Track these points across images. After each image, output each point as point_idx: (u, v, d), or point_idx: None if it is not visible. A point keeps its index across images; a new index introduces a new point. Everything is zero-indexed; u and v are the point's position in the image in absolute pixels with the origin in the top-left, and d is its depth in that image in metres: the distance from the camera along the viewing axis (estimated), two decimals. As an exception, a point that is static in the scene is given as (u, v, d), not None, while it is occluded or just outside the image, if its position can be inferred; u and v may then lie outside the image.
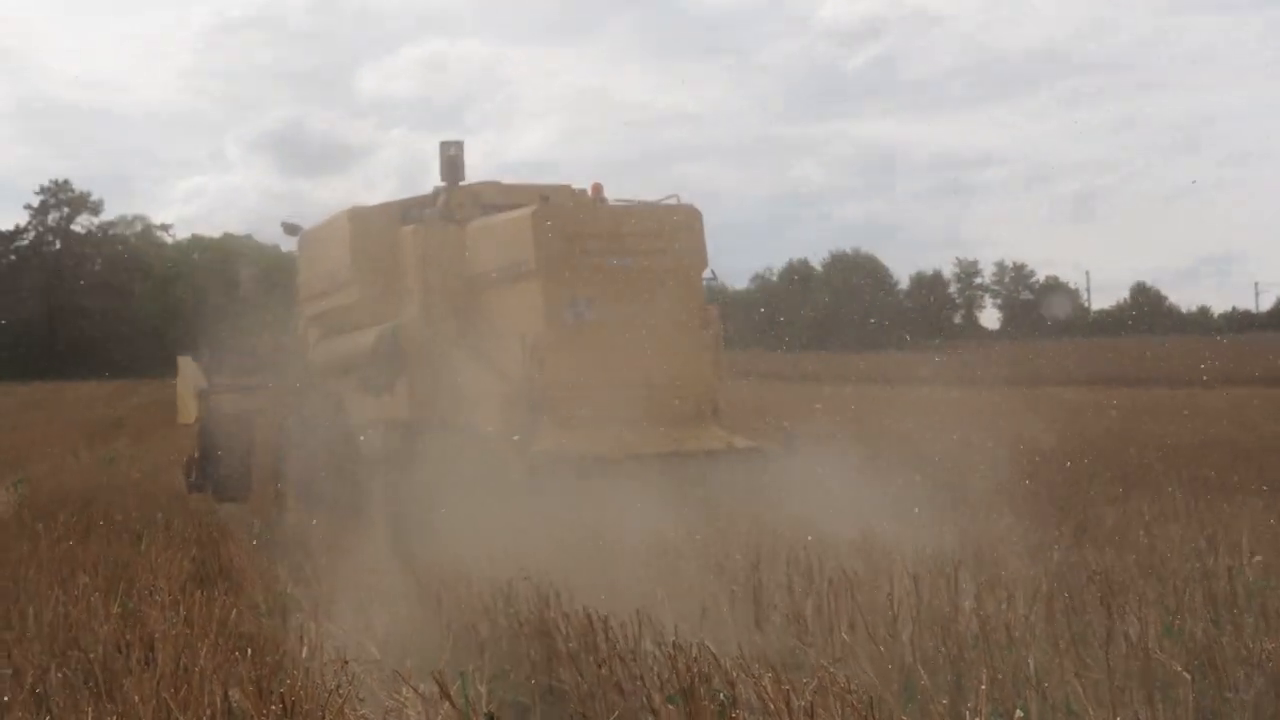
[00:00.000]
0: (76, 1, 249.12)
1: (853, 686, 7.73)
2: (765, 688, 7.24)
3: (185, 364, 24.53)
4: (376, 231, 19.27)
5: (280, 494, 20.71)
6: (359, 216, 19.61)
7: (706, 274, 18.41)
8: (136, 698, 7.89)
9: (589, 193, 18.81)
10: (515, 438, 16.79)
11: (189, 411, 23.87)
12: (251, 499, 21.81)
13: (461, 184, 19.12)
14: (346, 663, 8.50)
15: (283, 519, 19.99)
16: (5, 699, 8.33)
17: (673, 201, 18.44)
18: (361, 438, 18.69)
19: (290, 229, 22.85)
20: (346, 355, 19.79)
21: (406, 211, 19.42)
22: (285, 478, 20.38)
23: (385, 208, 19.80)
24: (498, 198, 18.92)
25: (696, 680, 7.42)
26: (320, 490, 18.50)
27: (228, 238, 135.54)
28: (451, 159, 19.16)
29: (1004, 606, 9.49)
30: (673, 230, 17.87)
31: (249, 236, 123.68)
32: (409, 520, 15.84)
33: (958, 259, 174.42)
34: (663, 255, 17.64)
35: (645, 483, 15.48)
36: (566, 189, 19.14)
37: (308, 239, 22.21)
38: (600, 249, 17.30)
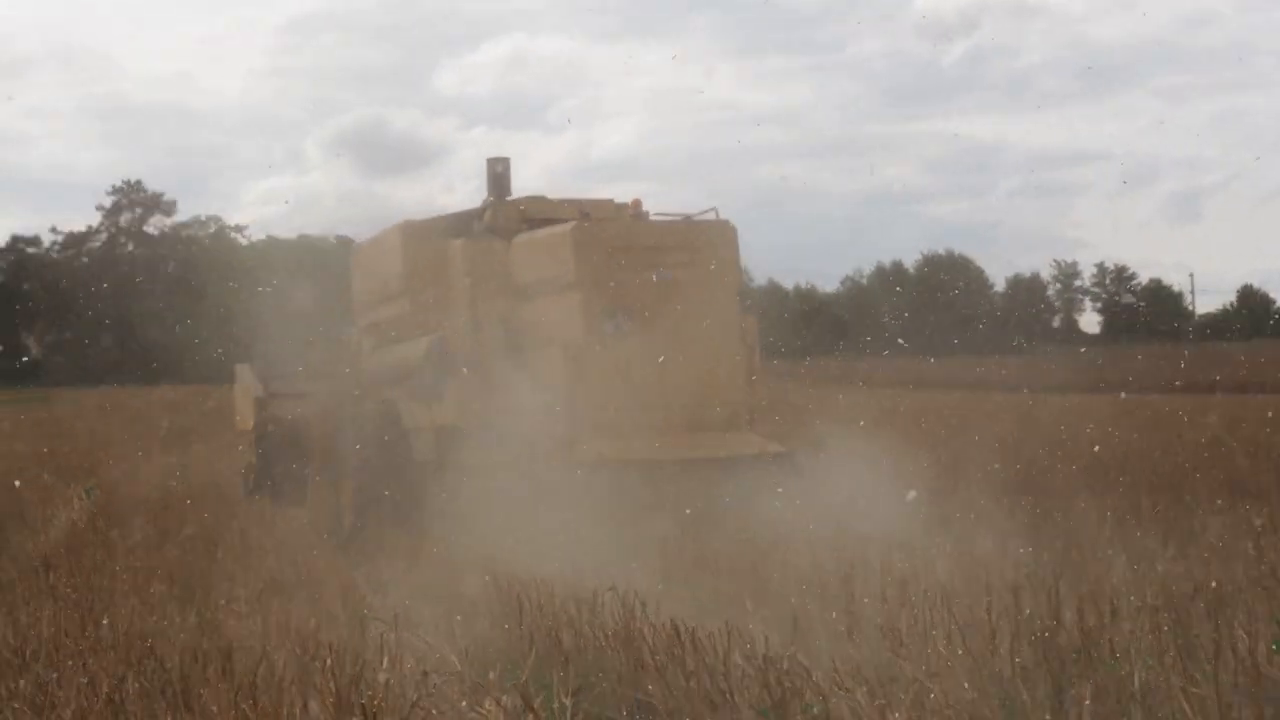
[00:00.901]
0: (151, 1, 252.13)
1: (950, 701, 7.48)
2: (860, 702, 6.99)
3: (242, 371, 25.22)
4: (427, 245, 20.05)
5: (336, 498, 21.17)
6: (410, 231, 20.39)
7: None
8: (214, 708, 7.74)
9: (630, 207, 19.42)
10: (557, 444, 17.51)
11: (246, 418, 24.47)
12: (313, 505, 21.82)
13: (508, 199, 19.98)
14: (427, 674, 8.33)
15: (343, 524, 20.41)
16: (81, 708, 8.21)
17: (710, 216, 19.02)
18: (414, 442, 19.34)
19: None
20: (399, 363, 20.42)
21: (455, 225, 20.22)
22: (341, 482, 20.89)
23: (434, 222, 20.55)
24: (542, 212, 19.75)
25: (789, 694, 7.19)
26: (375, 494, 18.99)
27: (303, 239, 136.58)
28: (498, 175, 20.10)
29: (1107, 619, 9.16)
30: (708, 244, 18.50)
31: (326, 238, 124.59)
32: (459, 521, 16.36)
33: (1056, 260, 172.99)
34: (699, 268, 18.22)
35: (680, 487, 16.45)
36: (609, 204, 19.92)
37: (361, 252, 23.27)
38: (638, 262, 18.02)
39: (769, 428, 18.99)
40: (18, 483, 25.76)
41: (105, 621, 10.67)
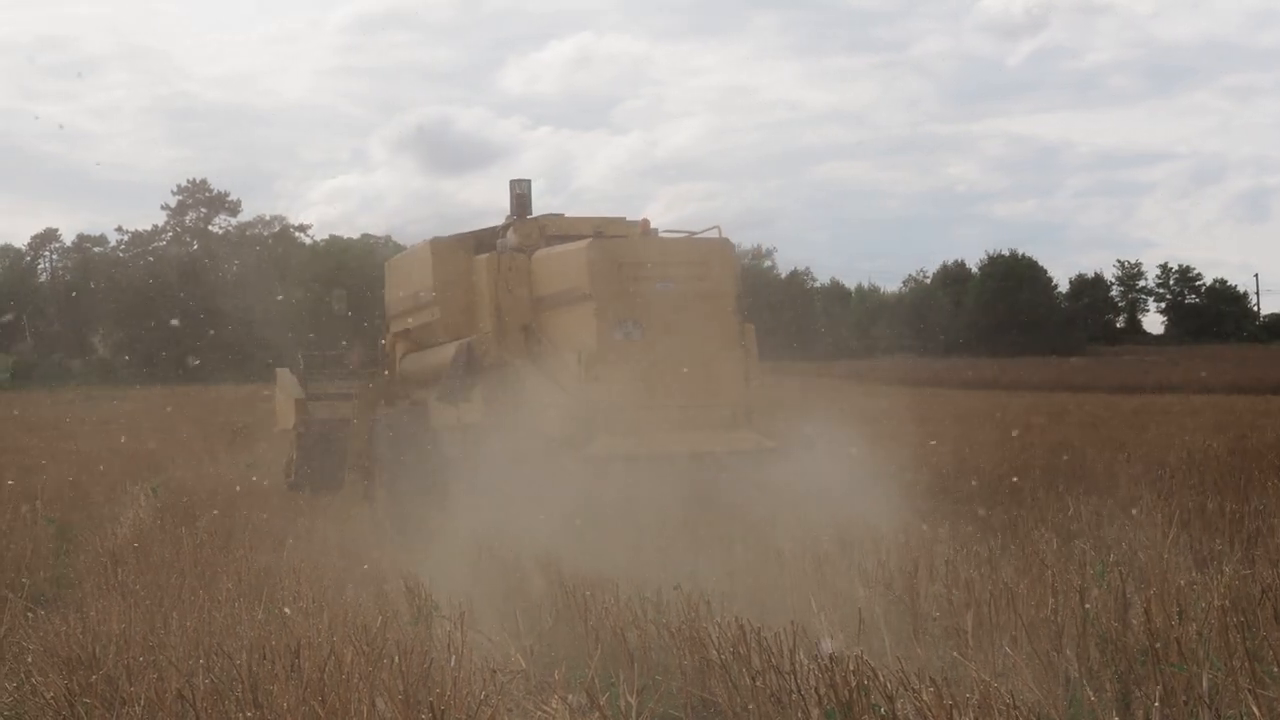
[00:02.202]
0: (217, 2, 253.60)
1: (1016, 702, 7.46)
2: (926, 702, 6.98)
3: (283, 374, 27.23)
4: (454, 259, 21.77)
5: (370, 492, 22.52)
6: (439, 246, 22.04)
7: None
8: (284, 705, 7.79)
9: (639, 226, 21.15)
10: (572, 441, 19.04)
11: (287, 418, 26.31)
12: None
13: (529, 217, 21.63)
14: (495, 672, 8.35)
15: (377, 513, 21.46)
16: (151, 704, 8.27)
17: (713, 234, 20.62)
18: (443, 439, 21.04)
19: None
20: (429, 367, 22.19)
21: (480, 241, 21.77)
22: (376, 477, 22.28)
23: (462, 238, 22.17)
24: (560, 229, 21.34)
25: (855, 694, 7.18)
26: (408, 488, 20.44)
27: (366, 239, 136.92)
28: (520, 196, 21.88)
29: (1174, 621, 9.10)
30: (710, 259, 20.04)
31: (388, 238, 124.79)
32: (486, 511, 17.44)
33: (1119, 261, 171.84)
34: (701, 281, 19.73)
35: (682, 479, 17.91)
36: (621, 221, 21.61)
37: (394, 265, 25.18)
38: (646, 276, 19.45)
39: (764, 425, 20.14)
40: (84, 480, 26.01)
41: (174, 617, 10.75)
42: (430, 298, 22.12)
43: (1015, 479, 20.33)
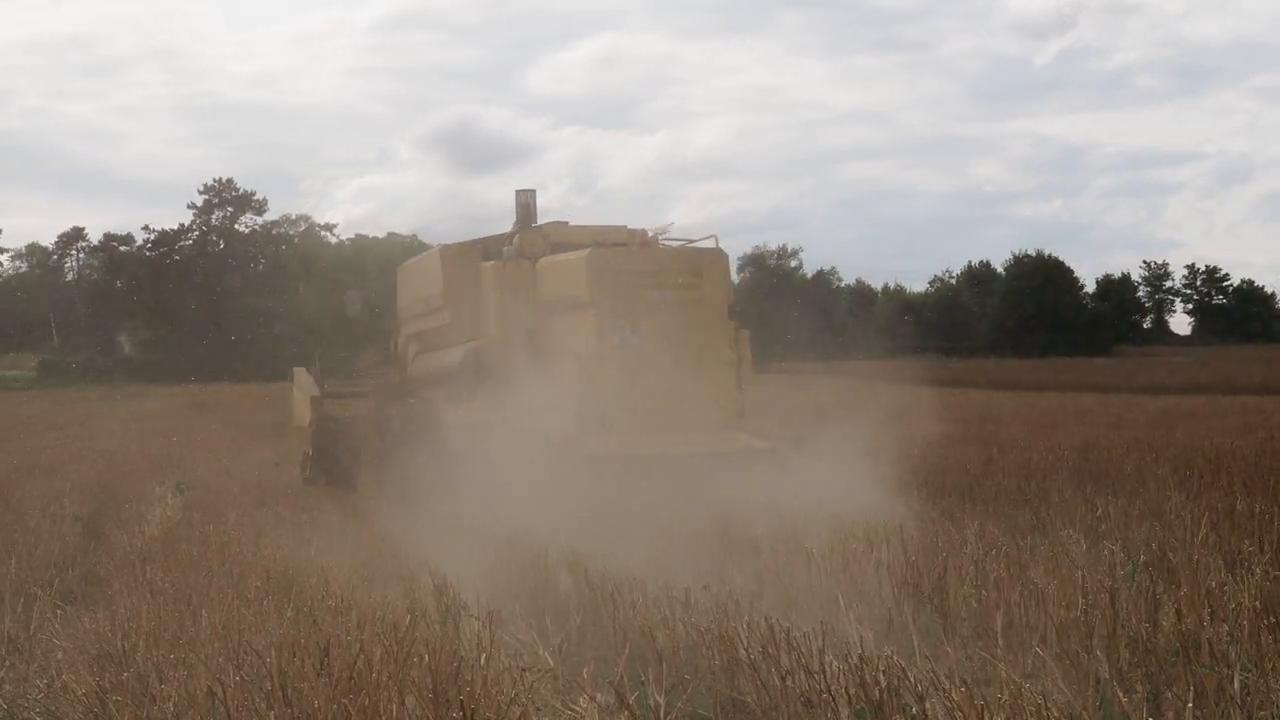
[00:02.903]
0: (243, 2, 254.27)
1: (1047, 703, 7.43)
2: (957, 702, 6.96)
3: (300, 374, 28.29)
4: (463, 266, 23.08)
5: (381, 485, 23.14)
6: (449, 254, 23.49)
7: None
8: (315, 703, 7.80)
9: (640, 236, 22.27)
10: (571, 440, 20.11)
11: (303, 415, 27.25)
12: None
13: (533, 226, 22.81)
14: (524, 671, 8.35)
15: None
16: (181, 701, 8.29)
17: (709, 244, 21.93)
18: (450, 436, 21.79)
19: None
20: (439, 368, 23.54)
21: (488, 249, 23.10)
22: (387, 471, 22.95)
23: (470, 246, 23.48)
24: (563, 238, 22.51)
25: (886, 694, 7.16)
26: (417, 481, 20.93)
27: (392, 238, 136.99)
28: (525, 205, 23.07)
29: (1205, 622, 9.07)
30: (705, 268, 21.19)
31: (414, 237, 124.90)
32: (494, 505, 18.10)
33: (1145, 261, 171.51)
34: (696, 289, 20.89)
35: (675, 478, 18.79)
36: (622, 230, 22.67)
37: (406, 270, 26.47)
38: (644, 284, 20.60)
39: (756, 426, 21.33)
40: (110, 478, 26.10)
41: (202, 615, 10.77)
42: (440, 302, 23.36)
43: (1042, 479, 20.27)
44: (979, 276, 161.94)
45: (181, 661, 8.94)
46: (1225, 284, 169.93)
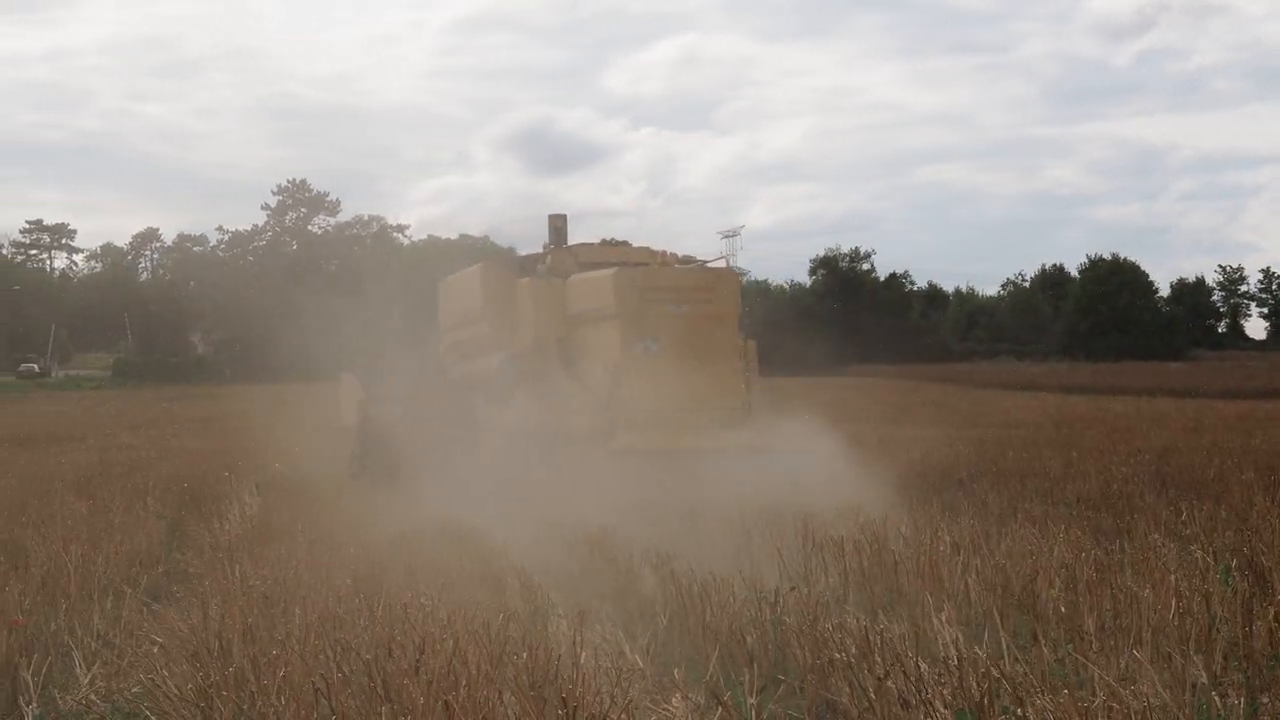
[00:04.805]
0: (317, 2, 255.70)
1: (1142, 706, 7.39)
2: (1061, 705, 6.93)
3: (347, 377, 30.20)
4: (501, 281, 25.31)
5: (422, 482, 23.84)
6: (488, 270, 25.98)
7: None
8: (416, 700, 7.84)
9: (660, 256, 24.50)
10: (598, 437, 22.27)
11: (350, 416, 29.01)
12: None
13: (564, 246, 25.16)
14: (620, 672, 8.37)
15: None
16: (283, 696, 8.35)
17: (721, 264, 24.96)
18: (487, 436, 24.17)
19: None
20: (477, 374, 25.43)
21: (523, 266, 25.76)
22: (428, 469, 23.97)
23: (508, 263, 26.80)
24: (591, 257, 24.80)
25: (988, 697, 7.13)
26: (457, 478, 22.42)
27: (464, 239, 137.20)
28: (557, 229, 25.61)
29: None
30: (717, 286, 23.51)
31: (485, 238, 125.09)
32: (528, 493, 20.27)
33: (1221, 266, 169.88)
34: (709, 304, 23.08)
35: (689, 469, 20.80)
36: (645, 250, 25.01)
37: (448, 285, 28.50)
38: (664, 299, 22.75)
39: (761, 426, 22.96)
40: (190, 476, 26.30)
41: (295, 613, 10.83)
42: (479, 314, 25.52)
43: (1124, 483, 20.16)
44: (1053, 280, 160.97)
45: (280, 658, 8.98)
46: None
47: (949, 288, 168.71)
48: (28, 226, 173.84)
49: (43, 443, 41.99)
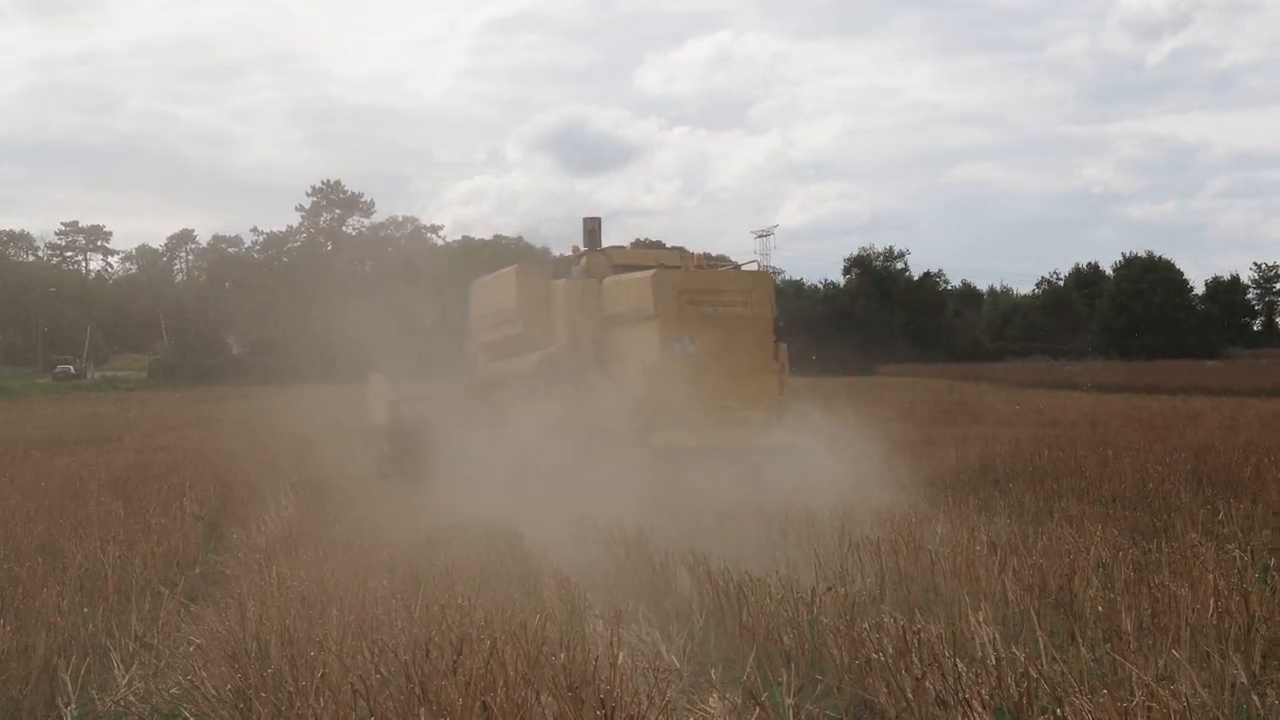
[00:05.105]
0: (354, 4, 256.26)
1: (1182, 706, 7.37)
2: (1100, 704, 6.91)
3: (376, 378, 30.77)
4: (536, 283, 25.71)
5: (451, 479, 24.04)
6: (523, 272, 26.41)
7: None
8: (459, 701, 7.86)
9: (695, 259, 24.76)
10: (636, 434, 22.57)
11: (379, 415, 29.71)
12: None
13: (599, 249, 25.35)
14: (658, 673, 8.37)
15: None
16: (321, 694, 8.37)
17: (753, 267, 25.63)
18: (520, 434, 24.21)
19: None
20: (511, 373, 26.06)
21: (557, 268, 25.90)
22: (460, 469, 24.16)
23: (541, 265, 27.03)
24: (625, 260, 25.27)
25: (1027, 696, 7.11)
26: (490, 477, 22.57)
27: (498, 240, 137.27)
28: (591, 231, 25.71)
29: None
30: (752, 288, 23.69)
31: (519, 239, 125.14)
32: (563, 491, 20.58)
33: (1256, 264, 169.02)
34: (744, 306, 23.26)
35: (723, 468, 21.37)
36: (677, 253, 25.75)
37: (479, 287, 29.05)
38: (700, 301, 23.01)
39: (795, 426, 23.23)
40: (227, 477, 26.39)
41: (332, 614, 10.86)
42: (514, 315, 26.02)
43: (1160, 482, 20.10)
44: (1087, 279, 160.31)
45: (319, 659, 9.01)
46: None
47: (983, 287, 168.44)
48: (63, 228, 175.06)
49: (79, 444, 42.11)
